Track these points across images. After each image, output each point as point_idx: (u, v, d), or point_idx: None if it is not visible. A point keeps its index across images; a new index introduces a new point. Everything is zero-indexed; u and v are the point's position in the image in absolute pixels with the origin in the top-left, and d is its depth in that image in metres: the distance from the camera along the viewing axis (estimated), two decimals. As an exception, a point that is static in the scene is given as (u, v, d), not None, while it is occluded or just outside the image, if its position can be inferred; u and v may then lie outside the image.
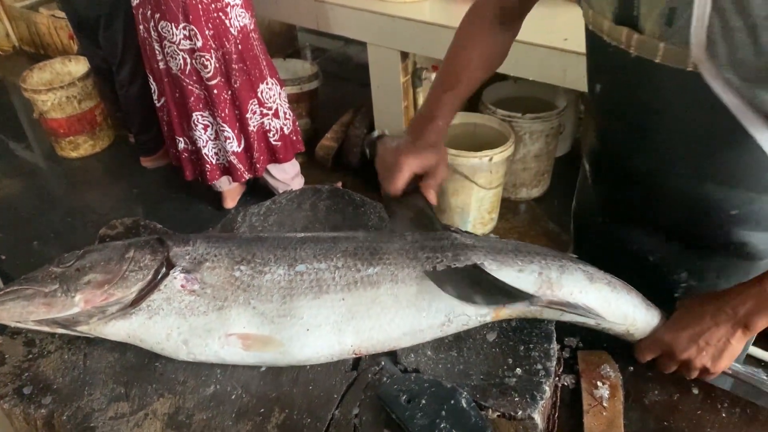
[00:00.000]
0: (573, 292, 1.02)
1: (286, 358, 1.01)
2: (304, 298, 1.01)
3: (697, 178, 1.05)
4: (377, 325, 1.01)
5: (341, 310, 1.01)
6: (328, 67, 4.01)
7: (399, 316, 1.01)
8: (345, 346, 1.00)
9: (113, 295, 1.02)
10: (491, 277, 1.01)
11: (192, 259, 1.06)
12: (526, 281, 1.02)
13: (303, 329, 1.00)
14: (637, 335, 1.06)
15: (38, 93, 3.64)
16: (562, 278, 1.03)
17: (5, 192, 3.69)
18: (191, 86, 2.80)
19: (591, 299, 1.03)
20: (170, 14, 2.61)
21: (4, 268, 2.99)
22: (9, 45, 5.33)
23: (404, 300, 1.01)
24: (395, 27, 2.68)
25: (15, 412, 1.00)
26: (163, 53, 2.77)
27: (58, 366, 1.05)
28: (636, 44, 0.96)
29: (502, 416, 0.92)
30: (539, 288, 1.02)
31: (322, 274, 1.03)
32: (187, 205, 3.40)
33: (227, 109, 2.85)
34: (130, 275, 1.03)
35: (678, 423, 0.99)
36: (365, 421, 0.93)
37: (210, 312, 1.02)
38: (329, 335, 1.00)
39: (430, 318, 1.01)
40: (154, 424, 0.95)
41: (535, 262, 1.04)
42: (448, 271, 1.02)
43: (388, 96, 2.94)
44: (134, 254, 1.06)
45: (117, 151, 4.01)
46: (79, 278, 1.03)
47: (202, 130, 2.92)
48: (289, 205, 1.37)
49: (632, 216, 1.20)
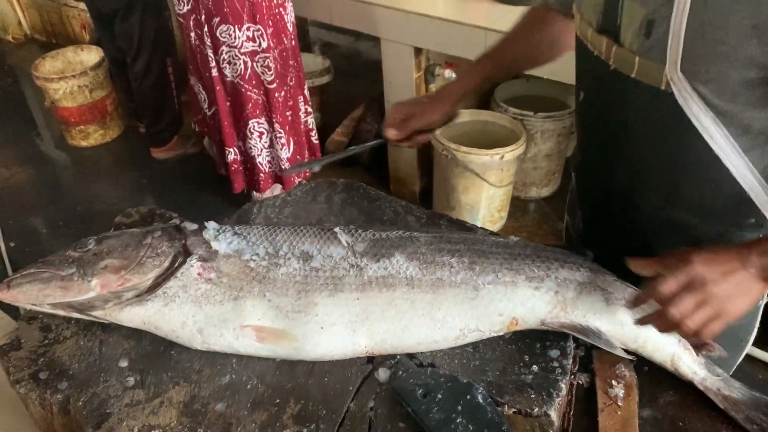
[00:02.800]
0: (587, 315, 1.02)
1: (299, 353, 1.01)
2: (320, 294, 1.01)
3: (666, 202, 1.04)
4: (391, 330, 1.00)
5: (356, 309, 1.01)
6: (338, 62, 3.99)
7: (414, 324, 1.01)
8: (358, 347, 1.01)
9: (129, 280, 1.02)
10: None
11: (209, 247, 1.07)
12: (542, 300, 1.02)
13: (317, 327, 1.00)
14: (646, 354, 1.04)
15: (50, 81, 3.65)
16: (579, 300, 1.02)
17: (15, 179, 3.69)
18: (250, 92, 2.71)
19: (604, 323, 1.02)
20: (234, 16, 2.52)
21: (12, 255, 3.00)
22: (21, 33, 5.33)
23: (420, 307, 1.01)
24: (409, 22, 2.67)
25: (31, 397, 1.00)
26: (216, 60, 2.67)
27: (74, 352, 1.05)
28: (615, 57, 0.97)
29: (518, 413, 0.92)
30: (553, 308, 1.02)
31: (337, 272, 1.03)
32: (197, 197, 3.40)
33: (285, 112, 2.79)
34: (147, 261, 1.03)
35: (693, 424, 0.99)
36: (380, 414, 0.93)
37: (226, 302, 1.02)
38: (343, 334, 1.00)
39: (445, 331, 1.01)
40: (169, 411, 0.95)
41: (552, 276, 1.03)
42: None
43: (401, 92, 2.93)
44: (151, 241, 1.06)
45: (127, 141, 4.01)
46: (96, 263, 1.03)
47: (257, 138, 2.83)
48: (304, 197, 1.37)
49: (610, 235, 1.19)
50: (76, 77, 3.66)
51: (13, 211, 3.36)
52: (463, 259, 1.05)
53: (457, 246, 1.07)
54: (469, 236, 1.10)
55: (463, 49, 2.57)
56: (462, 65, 2.87)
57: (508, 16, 2.50)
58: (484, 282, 1.02)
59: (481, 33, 2.46)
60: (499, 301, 1.01)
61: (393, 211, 1.33)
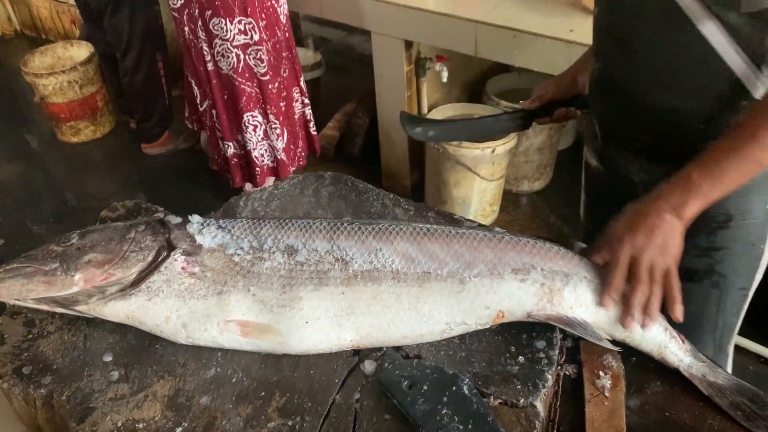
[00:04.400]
0: (573, 307, 1.02)
1: (283, 348, 1.00)
2: (305, 288, 1.01)
3: (664, 89, 1.10)
4: (377, 324, 1.00)
5: (341, 304, 1.00)
6: (330, 57, 3.98)
7: (399, 318, 1.00)
8: (344, 341, 1.00)
9: (113, 275, 1.01)
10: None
11: (193, 241, 1.06)
12: (527, 292, 1.01)
13: (302, 321, 0.99)
14: (633, 344, 1.04)
15: (39, 77, 3.62)
16: (565, 291, 1.02)
17: (5, 176, 3.67)
18: (243, 85, 2.69)
19: (591, 314, 1.02)
20: (225, 9, 2.52)
21: (2, 253, 2.98)
22: (10, 29, 5.29)
23: (405, 301, 1.00)
24: (399, 16, 2.66)
25: (14, 392, 0.99)
26: (211, 53, 2.66)
27: (58, 346, 1.04)
28: None
29: (503, 404, 0.92)
30: (540, 300, 1.01)
31: (322, 266, 1.02)
32: (189, 192, 3.38)
33: (279, 103, 2.78)
34: (130, 256, 1.02)
35: (680, 414, 0.99)
36: (366, 406, 0.93)
37: (210, 296, 1.01)
38: (328, 329, 1.00)
39: (431, 325, 1.01)
40: (153, 405, 0.95)
41: (538, 268, 1.03)
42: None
43: (392, 85, 2.92)
44: (135, 235, 1.05)
45: (118, 137, 3.98)
46: (79, 257, 1.02)
47: (252, 131, 2.81)
48: (291, 190, 1.37)
49: (624, 139, 1.23)
50: (65, 73, 3.63)
51: (3, 207, 3.34)
52: (449, 252, 1.04)
53: (443, 239, 1.06)
54: (456, 229, 1.09)
55: (454, 42, 2.56)
56: (454, 58, 2.86)
57: (499, 8, 2.49)
58: (470, 275, 1.02)
59: (472, 26, 2.45)
60: (486, 294, 1.01)
61: (381, 204, 1.33)
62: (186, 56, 2.86)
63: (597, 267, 1.05)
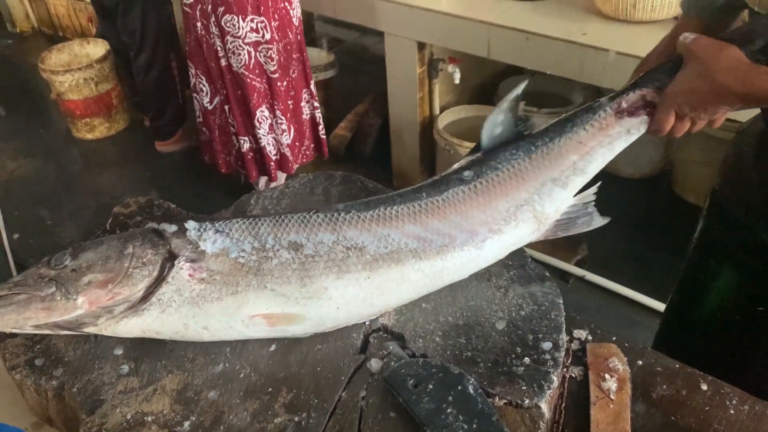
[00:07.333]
0: (559, 209, 1.11)
1: (318, 328, 1.04)
2: (327, 278, 1.01)
3: None
4: (406, 298, 1.07)
5: (370, 287, 1.03)
6: (343, 58, 3.99)
7: (428, 288, 1.08)
8: (375, 310, 1.06)
9: (120, 293, 0.99)
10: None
11: (195, 247, 1.04)
12: (524, 229, 1.09)
13: (333, 308, 1.02)
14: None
15: (56, 74, 3.67)
16: (545, 204, 1.10)
17: (21, 171, 3.72)
18: (254, 81, 2.73)
19: (568, 202, 1.11)
20: (238, 6, 2.55)
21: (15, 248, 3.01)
22: (28, 26, 5.35)
23: (430, 273, 1.06)
24: (413, 17, 2.67)
25: (26, 383, 1.01)
26: (225, 49, 2.69)
27: (69, 339, 1.06)
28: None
29: (508, 404, 0.92)
30: (536, 228, 1.10)
31: (335, 255, 1.03)
32: (201, 190, 3.41)
33: (287, 101, 2.82)
34: (134, 272, 1.00)
35: (685, 418, 0.99)
36: (372, 404, 0.93)
37: (225, 297, 1.01)
38: (360, 308, 1.04)
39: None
40: (162, 399, 0.96)
41: (526, 205, 1.09)
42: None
43: (404, 86, 2.93)
44: (134, 250, 1.02)
45: (132, 135, 4.02)
46: (78, 279, 0.99)
47: (262, 126, 2.87)
48: (302, 189, 1.38)
49: None
50: (81, 70, 3.68)
51: (19, 202, 3.38)
52: (451, 224, 1.08)
53: (438, 212, 1.09)
54: (442, 196, 1.14)
55: (467, 44, 2.57)
56: (466, 60, 2.86)
57: (512, 10, 2.49)
58: (479, 241, 1.07)
59: (485, 28, 2.46)
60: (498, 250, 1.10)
61: (390, 204, 1.33)
62: (195, 53, 2.87)
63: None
